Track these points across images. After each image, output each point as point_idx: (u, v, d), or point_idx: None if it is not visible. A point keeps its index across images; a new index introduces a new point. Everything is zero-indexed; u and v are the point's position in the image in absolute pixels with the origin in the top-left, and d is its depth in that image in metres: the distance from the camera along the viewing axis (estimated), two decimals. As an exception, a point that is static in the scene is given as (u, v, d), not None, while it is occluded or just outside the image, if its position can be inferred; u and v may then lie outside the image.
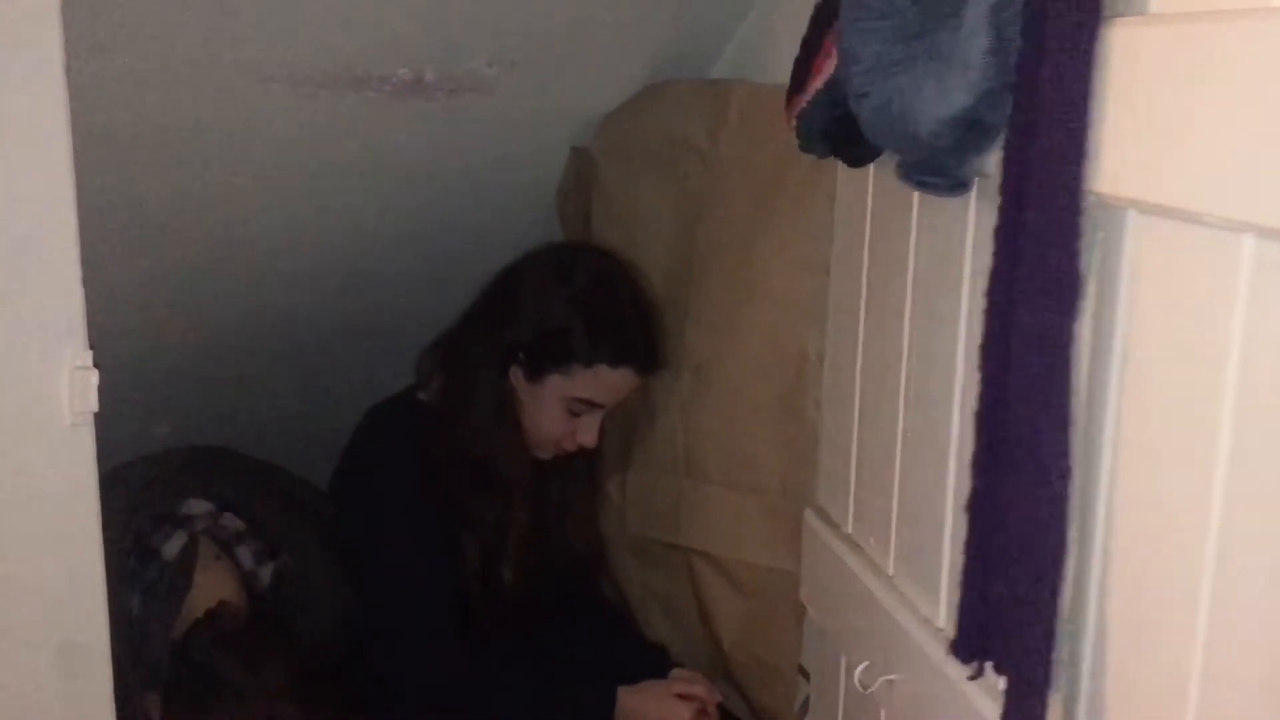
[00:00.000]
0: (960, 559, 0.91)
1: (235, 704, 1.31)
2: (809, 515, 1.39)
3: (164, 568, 1.40)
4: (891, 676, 1.13)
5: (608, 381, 1.51)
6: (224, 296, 1.65)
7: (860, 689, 1.17)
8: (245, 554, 1.47)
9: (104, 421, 1.63)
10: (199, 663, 1.35)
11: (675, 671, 1.66)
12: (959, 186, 0.93)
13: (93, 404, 0.88)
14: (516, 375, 1.54)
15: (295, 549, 1.52)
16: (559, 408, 1.52)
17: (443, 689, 1.50)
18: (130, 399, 1.71)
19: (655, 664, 1.68)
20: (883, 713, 1.22)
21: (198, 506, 1.46)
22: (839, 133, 1.09)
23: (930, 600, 1.09)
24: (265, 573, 1.49)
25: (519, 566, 1.57)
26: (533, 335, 1.51)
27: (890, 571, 1.19)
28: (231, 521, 1.47)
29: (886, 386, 1.17)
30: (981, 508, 0.87)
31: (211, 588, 1.43)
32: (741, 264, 1.48)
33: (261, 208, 1.54)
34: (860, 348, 1.25)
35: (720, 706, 1.62)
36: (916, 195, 1.08)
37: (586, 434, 1.55)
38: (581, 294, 1.51)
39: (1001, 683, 0.86)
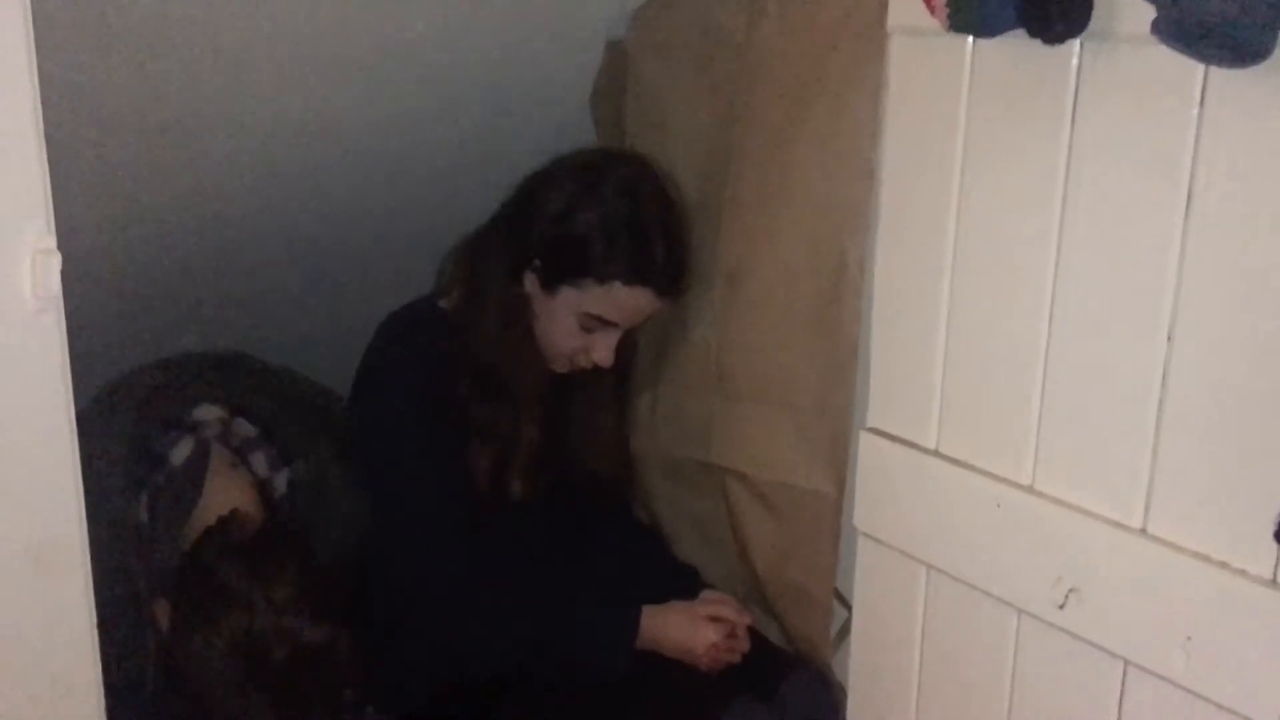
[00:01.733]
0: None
1: (243, 615, 1.27)
2: (866, 437, 1.32)
3: (172, 474, 1.36)
4: (1072, 587, 1.09)
5: (622, 300, 1.43)
6: (237, 199, 1.60)
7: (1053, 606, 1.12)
8: (259, 461, 1.43)
9: (123, 331, 1.62)
10: (208, 572, 1.31)
11: (705, 593, 1.60)
12: (1253, 57, 0.82)
13: (55, 288, 0.82)
14: (532, 283, 1.47)
15: (310, 456, 1.47)
16: (572, 322, 1.45)
17: (455, 596, 1.46)
18: (150, 307, 1.68)
19: (685, 586, 1.62)
20: (1013, 643, 1.18)
21: (208, 413, 1.41)
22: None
23: (1122, 502, 1.05)
24: (280, 480, 1.44)
25: (530, 480, 1.51)
26: (550, 243, 1.44)
27: (1029, 482, 1.14)
28: (243, 427, 1.43)
29: (1013, 301, 1.12)
30: None
31: (224, 496, 1.38)
32: (778, 164, 1.38)
33: (269, 102, 1.47)
34: (952, 257, 1.18)
35: (751, 630, 1.56)
36: (1075, 85, 1.01)
37: (601, 352, 1.48)
38: (605, 205, 1.43)
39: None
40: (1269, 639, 0.94)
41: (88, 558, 0.89)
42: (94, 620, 0.91)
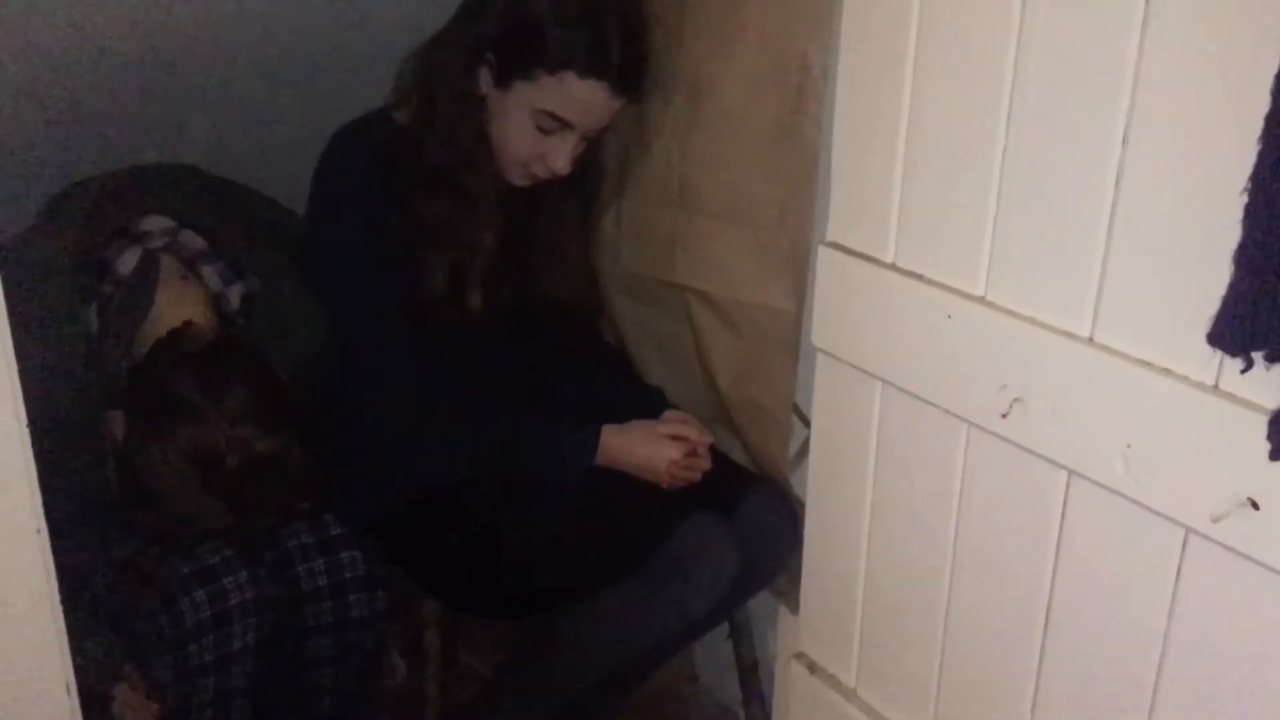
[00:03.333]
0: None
1: (195, 425, 1.28)
2: (825, 251, 1.29)
3: (120, 283, 1.35)
4: (1017, 396, 1.08)
5: (576, 94, 1.38)
6: (194, 9, 1.53)
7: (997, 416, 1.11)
8: (211, 274, 1.41)
9: (76, 145, 1.58)
10: (160, 383, 1.31)
11: (667, 413, 1.61)
12: None
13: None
14: (486, 80, 1.42)
15: (262, 270, 1.45)
16: (527, 121, 1.41)
17: (409, 406, 1.46)
18: (103, 120, 1.64)
19: (650, 407, 1.63)
20: (961, 455, 1.18)
21: (155, 224, 1.39)
22: None
23: (1071, 311, 1.03)
24: (234, 294, 1.43)
25: (487, 291, 1.49)
26: (502, 31, 1.39)
27: (982, 293, 1.12)
28: (191, 239, 1.41)
29: (970, 108, 1.07)
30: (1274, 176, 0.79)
31: (175, 307, 1.37)
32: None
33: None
34: (913, 63, 1.13)
35: (713, 449, 1.57)
36: None
37: (557, 158, 1.43)
38: None
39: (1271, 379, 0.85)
40: (1206, 444, 0.93)
41: (11, 354, 0.87)
42: (23, 420, 0.90)
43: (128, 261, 1.35)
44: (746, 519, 1.50)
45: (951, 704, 1.29)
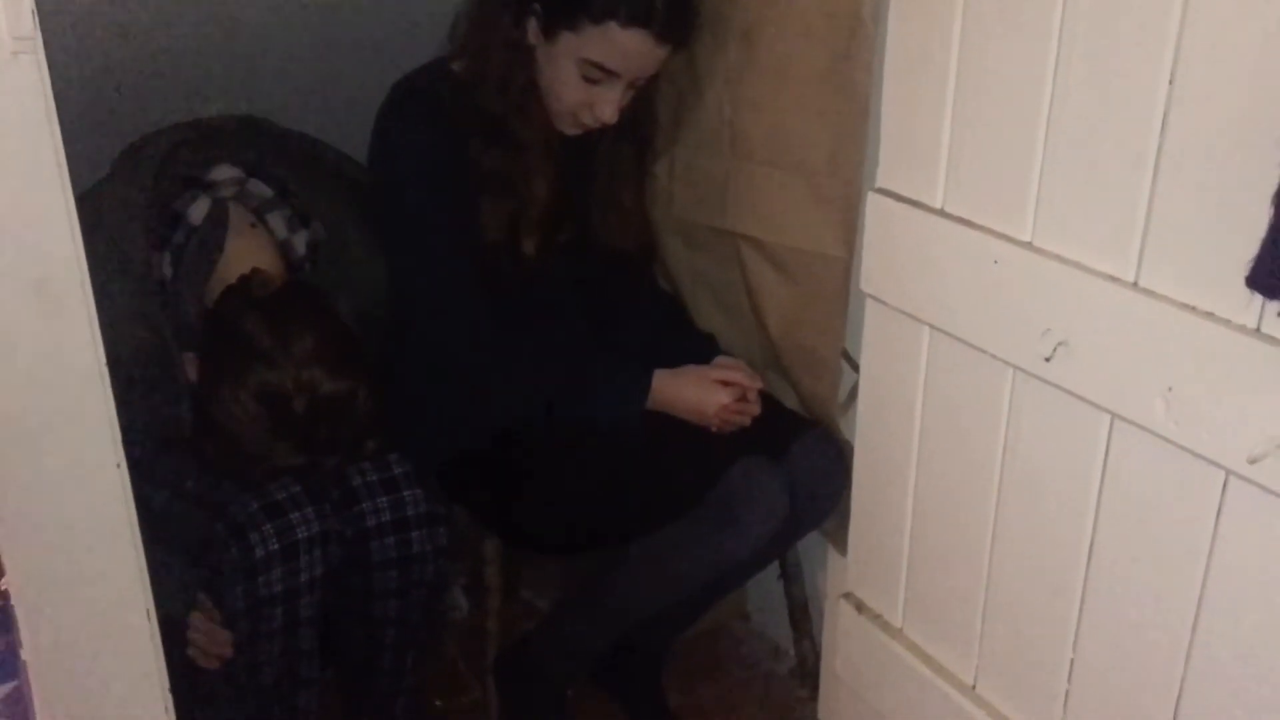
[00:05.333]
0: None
1: (264, 367, 1.33)
2: (874, 198, 1.30)
3: (190, 231, 1.40)
4: (1061, 340, 1.09)
5: (620, 44, 1.39)
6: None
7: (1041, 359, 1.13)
8: (278, 221, 1.46)
9: (145, 98, 1.64)
10: (230, 327, 1.36)
11: (719, 359, 1.63)
12: None
13: (27, 29, 0.82)
14: (534, 31, 1.44)
15: (327, 218, 1.50)
16: (573, 71, 1.43)
17: (472, 346, 1.51)
18: (169, 73, 1.69)
19: (702, 352, 1.66)
20: (1007, 399, 1.19)
21: (223, 173, 1.44)
22: None
23: (1116, 255, 1.04)
24: (299, 241, 1.48)
25: (542, 238, 1.52)
26: None
27: (1029, 238, 1.13)
28: (258, 188, 1.45)
29: (1019, 53, 1.08)
30: None
31: (244, 255, 1.43)
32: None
33: None
34: (962, 6, 1.13)
35: (763, 394, 1.60)
36: None
37: (604, 107, 1.45)
38: None
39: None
40: (1246, 386, 0.94)
41: (91, 296, 0.93)
42: (102, 359, 0.95)
43: (198, 211, 1.40)
44: (796, 462, 1.52)
45: (995, 643, 1.31)
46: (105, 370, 0.97)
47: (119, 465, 0.95)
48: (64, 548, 0.95)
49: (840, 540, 1.57)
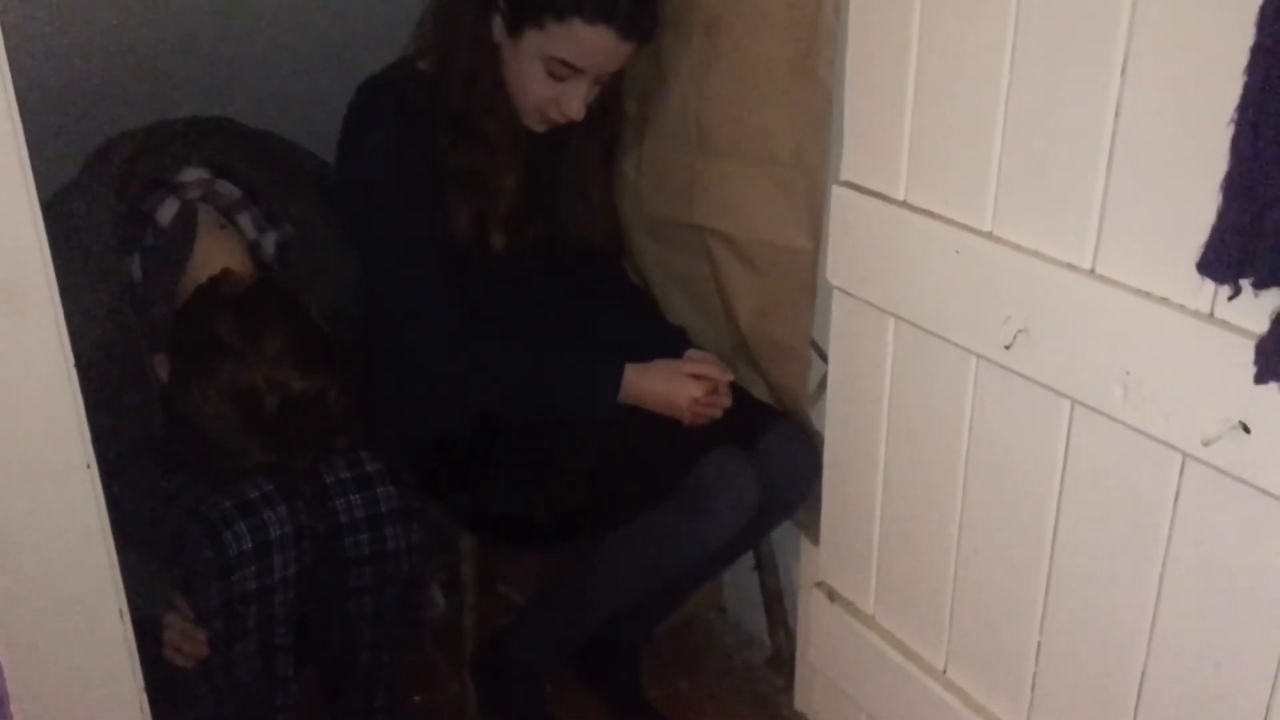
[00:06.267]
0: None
1: (235, 366, 1.33)
2: (839, 190, 1.32)
3: (159, 232, 1.40)
4: (1021, 328, 1.11)
5: (584, 40, 1.41)
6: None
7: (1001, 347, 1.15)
8: (246, 222, 1.46)
9: (113, 100, 1.63)
10: (201, 327, 1.36)
11: (689, 352, 1.64)
12: None
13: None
14: (499, 29, 1.45)
15: (297, 217, 1.50)
16: (538, 68, 1.44)
17: (442, 339, 1.52)
18: (137, 74, 1.69)
19: (673, 346, 1.66)
20: (971, 387, 1.21)
21: (192, 174, 1.44)
22: None
23: (1073, 243, 1.05)
24: (269, 242, 1.48)
25: (510, 234, 1.53)
26: None
27: (989, 228, 1.14)
28: (227, 189, 1.45)
29: (976, 46, 1.09)
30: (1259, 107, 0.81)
31: (214, 255, 1.43)
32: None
33: None
34: (920, 2, 1.15)
35: (734, 387, 1.61)
36: None
37: (571, 102, 1.46)
38: None
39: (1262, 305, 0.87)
40: (1200, 371, 0.96)
41: (57, 298, 0.93)
42: (70, 361, 0.95)
43: (167, 212, 1.40)
44: (767, 453, 1.54)
45: (964, 628, 1.33)
46: (73, 372, 0.97)
47: (89, 466, 0.96)
48: (36, 549, 0.96)
49: (813, 530, 1.58)
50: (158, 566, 1.41)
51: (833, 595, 1.53)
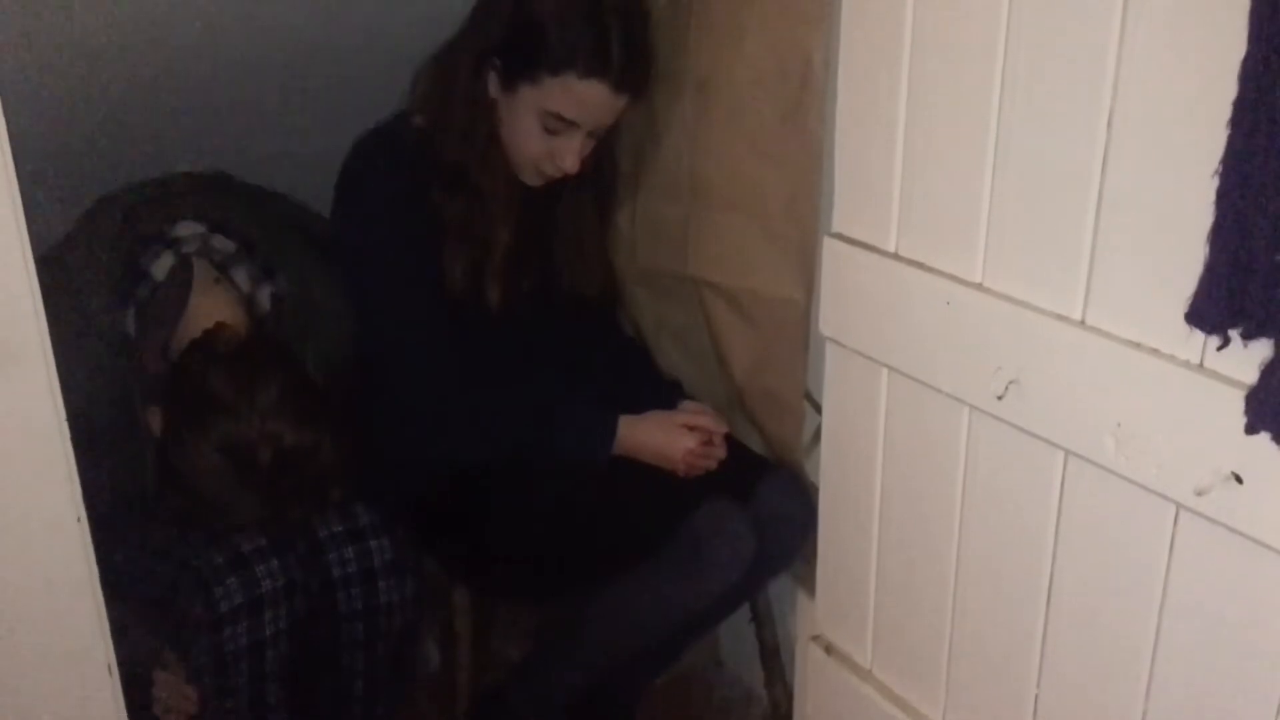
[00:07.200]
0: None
1: (229, 420, 1.33)
2: (830, 242, 1.33)
3: (155, 288, 1.41)
4: (1012, 379, 1.11)
5: (578, 94, 1.42)
6: (220, 19, 1.59)
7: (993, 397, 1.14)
8: (241, 276, 1.47)
9: (109, 154, 1.64)
10: (195, 380, 1.37)
11: (683, 404, 1.65)
12: None
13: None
14: (494, 84, 1.47)
15: (292, 271, 1.51)
16: (533, 122, 1.45)
17: (437, 397, 1.52)
18: (134, 129, 1.70)
19: (667, 397, 1.67)
20: (964, 437, 1.21)
21: (187, 229, 1.45)
22: None
23: (1063, 294, 1.06)
24: (263, 295, 1.49)
25: (505, 286, 1.54)
26: (506, 35, 1.43)
27: (979, 279, 1.15)
28: (222, 243, 1.46)
29: (964, 99, 1.10)
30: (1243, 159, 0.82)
31: (209, 309, 1.43)
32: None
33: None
34: (909, 58, 1.16)
35: (729, 438, 1.61)
36: None
37: (565, 156, 1.48)
38: None
39: (1251, 355, 0.87)
40: (1191, 421, 0.96)
41: (50, 351, 0.93)
42: (62, 414, 0.95)
43: (162, 266, 1.41)
44: (762, 504, 1.53)
45: (961, 680, 1.32)
46: (65, 424, 0.97)
47: (80, 519, 0.95)
48: (25, 602, 0.95)
49: (809, 582, 1.57)
50: (148, 621, 1.40)
51: (829, 649, 1.52)
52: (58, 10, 1.44)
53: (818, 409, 1.53)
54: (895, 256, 1.25)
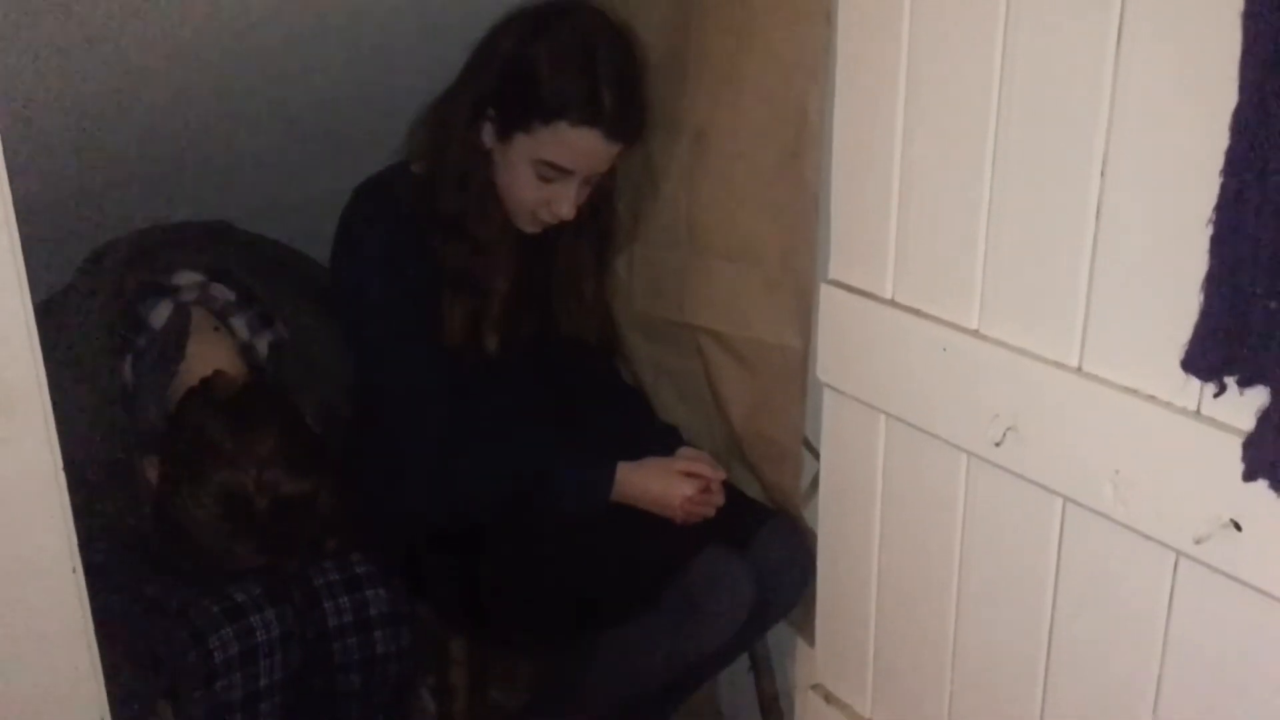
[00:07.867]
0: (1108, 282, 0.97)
1: (226, 468, 1.33)
2: (826, 289, 1.33)
3: (153, 337, 1.41)
4: (1010, 426, 1.11)
5: (571, 143, 1.43)
6: (218, 71, 1.60)
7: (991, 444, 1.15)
8: (240, 325, 1.48)
9: (108, 203, 1.65)
10: (192, 429, 1.37)
11: (681, 450, 1.64)
12: None
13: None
14: (489, 134, 1.48)
15: (290, 319, 1.51)
16: (528, 171, 1.46)
17: (434, 446, 1.51)
18: (133, 178, 1.71)
19: (666, 444, 1.66)
20: (962, 484, 1.21)
21: (186, 278, 1.46)
22: None
23: (1059, 341, 1.06)
24: (262, 343, 1.49)
25: (503, 333, 1.54)
26: (500, 85, 1.45)
27: (975, 326, 1.16)
28: (221, 292, 1.47)
29: (959, 148, 1.12)
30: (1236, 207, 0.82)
31: (207, 358, 1.44)
32: (739, 12, 1.37)
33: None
34: (904, 107, 1.17)
35: (727, 485, 1.61)
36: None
37: (561, 204, 1.49)
38: (554, 41, 1.43)
39: (1247, 402, 0.87)
40: (1189, 468, 0.96)
41: (48, 399, 0.93)
42: (59, 462, 0.95)
43: (160, 315, 1.41)
44: (761, 552, 1.53)
45: (963, 729, 1.31)
46: (62, 473, 0.97)
47: (75, 570, 0.95)
48: (18, 652, 0.94)
49: (808, 630, 1.56)
50: (142, 672, 1.39)
51: (829, 697, 1.51)
52: (58, 59, 1.45)
53: (816, 455, 1.53)
54: (892, 303, 1.26)
